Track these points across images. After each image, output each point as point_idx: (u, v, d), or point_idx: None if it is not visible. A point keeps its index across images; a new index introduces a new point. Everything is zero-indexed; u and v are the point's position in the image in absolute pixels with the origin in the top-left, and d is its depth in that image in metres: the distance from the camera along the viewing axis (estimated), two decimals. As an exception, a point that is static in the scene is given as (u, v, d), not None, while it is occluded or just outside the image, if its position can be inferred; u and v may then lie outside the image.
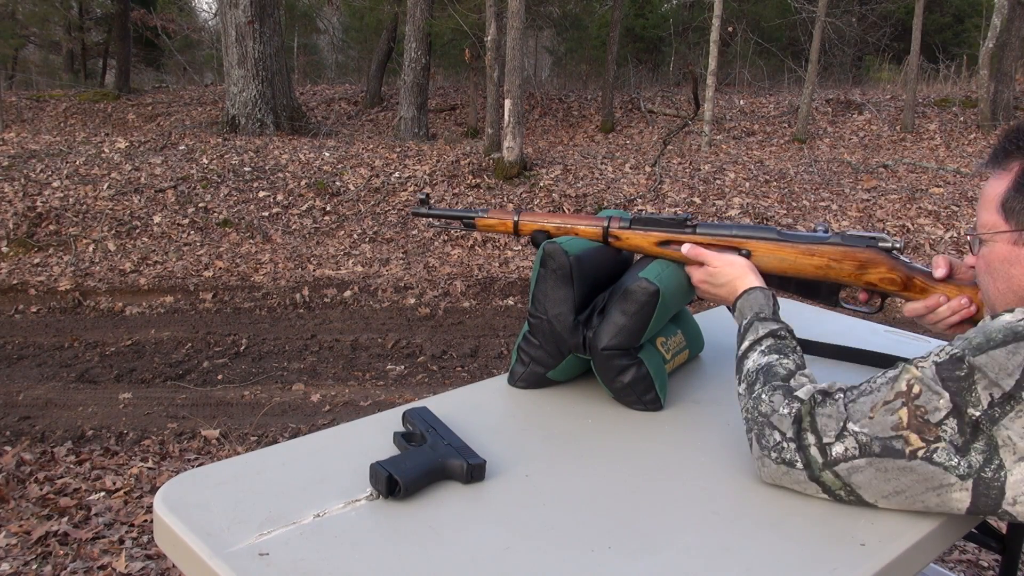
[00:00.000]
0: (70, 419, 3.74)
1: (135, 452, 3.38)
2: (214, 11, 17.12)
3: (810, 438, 0.99)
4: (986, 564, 2.42)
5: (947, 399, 0.92)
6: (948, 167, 8.38)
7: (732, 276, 1.26)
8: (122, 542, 2.56)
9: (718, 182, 7.63)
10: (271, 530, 0.93)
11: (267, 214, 6.85)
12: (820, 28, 10.08)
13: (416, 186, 7.30)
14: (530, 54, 16.16)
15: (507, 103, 7.46)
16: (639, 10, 15.97)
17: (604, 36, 13.25)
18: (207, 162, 7.52)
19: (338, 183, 7.31)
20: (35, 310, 5.29)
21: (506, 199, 7.17)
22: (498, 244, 6.41)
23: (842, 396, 1.00)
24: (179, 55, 16.46)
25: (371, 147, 8.34)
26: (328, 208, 6.98)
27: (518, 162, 7.55)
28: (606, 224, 1.35)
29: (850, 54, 15.38)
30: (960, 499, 0.94)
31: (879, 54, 15.28)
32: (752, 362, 1.12)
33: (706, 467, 1.12)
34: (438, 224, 1.46)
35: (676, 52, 15.72)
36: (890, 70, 14.55)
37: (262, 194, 7.09)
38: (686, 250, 1.31)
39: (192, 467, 2.59)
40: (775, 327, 1.15)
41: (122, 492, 2.92)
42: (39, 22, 15.60)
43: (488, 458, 1.06)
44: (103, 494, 2.89)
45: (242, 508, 0.97)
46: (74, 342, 4.74)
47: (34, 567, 2.40)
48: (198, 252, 6.22)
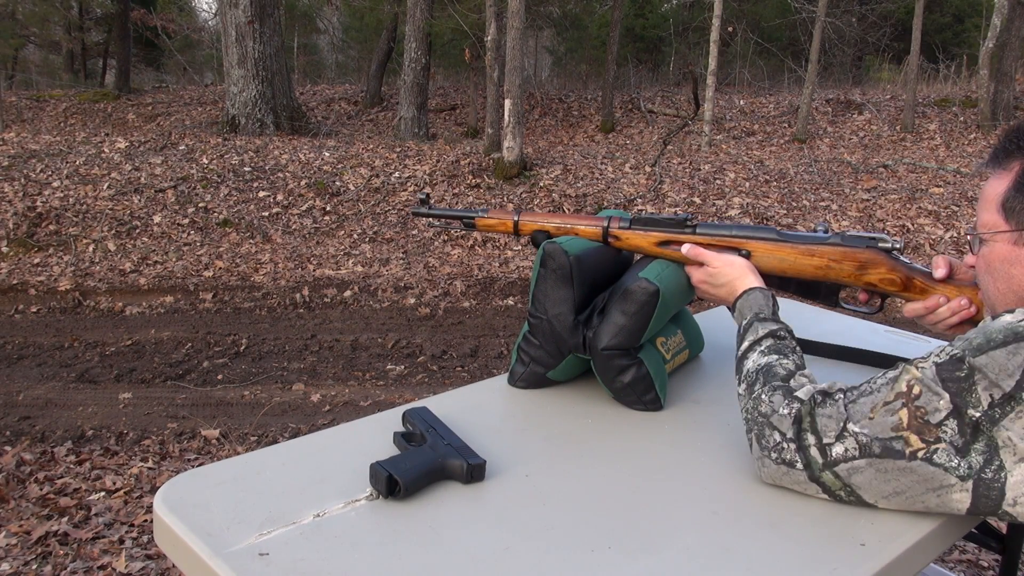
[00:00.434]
0: (70, 419, 3.74)
1: (135, 452, 3.38)
2: (214, 11, 17.13)
3: (810, 438, 0.99)
4: (986, 564, 2.42)
5: (947, 400, 0.92)
6: (948, 167, 8.38)
7: (732, 276, 1.26)
8: (122, 542, 2.56)
9: (718, 182, 7.63)
10: (271, 530, 0.93)
11: (267, 214, 6.85)
12: (820, 28, 10.08)
13: (416, 186, 7.30)
14: (530, 54, 16.17)
15: (507, 103, 7.46)
16: (639, 10, 15.96)
17: (604, 36, 13.25)
18: (207, 162, 7.52)
19: (338, 183, 7.31)
20: (35, 310, 5.29)
21: (506, 199, 7.17)
22: (498, 244, 6.41)
23: (842, 396, 1.00)
24: (179, 55, 16.46)
25: (371, 147, 8.34)
26: (328, 208, 6.98)
27: (518, 162, 7.55)
28: (606, 224, 1.35)
29: (850, 54, 15.38)
30: (960, 500, 0.94)
31: (879, 54, 15.28)
32: (752, 362, 1.12)
33: (706, 467, 1.12)
34: (438, 224, 1.46)
35: (676, 52, 15.72)
36: (890, 70, 14.55)
37: (262, 194, 7.09)
38: (686, 250, 1.31)
39: (192, 467, 2.59)
40: (775, 327, 1.15)
41: (122, 492, 2.92)
42: (39, 22, 15.61)
43: (488, 458, 1.06)
44: (103, 494, 2.89)
45: (242, 508, 0.97)
46: (74, 342, 4.74)
47: (34, 567, 2.40)
48: (198, 252, 6.22)
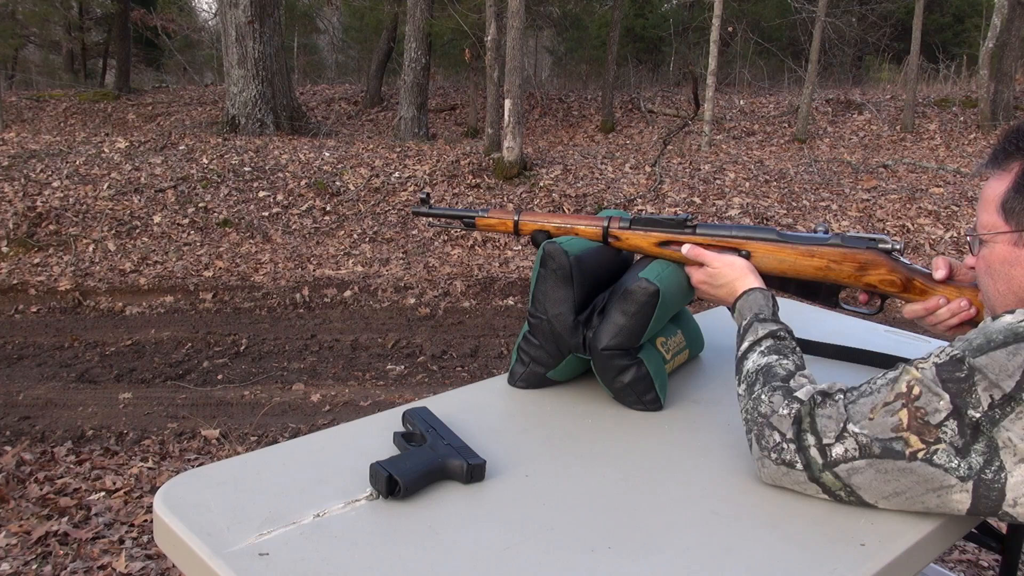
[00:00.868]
0: (70, 419, 3.74)
1: (135, 452, 3.38)
2: (214, 11, 17.12)
3: (810, 439, 0.99)
4: (986, 564, 2.42)
5: (947, 400, 0.92)
6: (948, 167, 8.37)
7: (732, 277, 1.25)
8: (122, 542, 2.56)
9: (718, 182, 7.63)
10: (271, 530, 0.93)
11: (267, 214, 6.85)
12: (820, 28, 10.08)
13: (416, 186, 7.30)
14: (530, 54, 16.16)
15: (507, 103, 7.46)
16: (639, 10, 15.96)
17: (604, 36, 13.25)
18: (207, 162, 7.52)
19: (338, 183, 7.31)
20: (35, 310, 5.29)
21: (506, 199, 7.17)
22: (498, 244, 6.41)
23: (842, 397, 1.00)
24: (179, 55, 16.46)
25: (371, 147, 8.34)
26: (328, 208, 6.98)
27: (518, 162, 7.55)
28: (606, 224, 1.35)
29: (850, 54, 15.37)
30: (960, 500, 0.94)
31: (879, 54, 15.28)
32: (752, 363, 1.12)
33: (706, 467, 1.12)
34: (438, 224, 1.46)
35: (676, 52, 15.72)
36: (890, 70, 14.55)
37: (262, 194, 7.09)
38: (686, 251, 1.31)
39: (192, 467, 2.59)
40: (775, 328, 1.15)
41: (122, 492, 2.92)
42: (39, 22, 15.60)
43: (488, 458, 1.06)
44: (103, 494, 2.89)
45: (242, 508, 0.97)
46: (74, 342, 4.74)
47: (34, 567, 2.40)
48: (198, 252, 6.22)
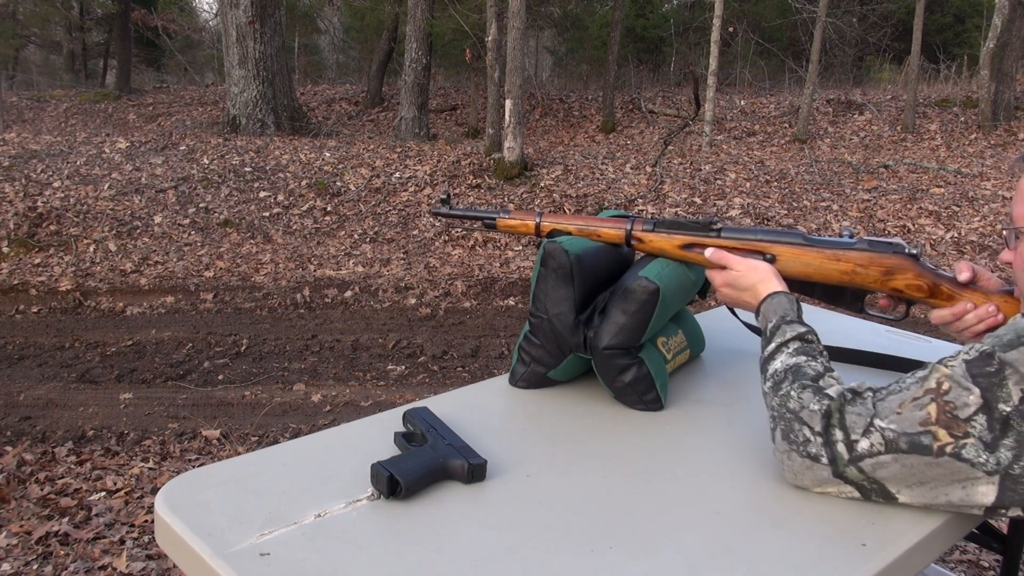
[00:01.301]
0: (71, 419, 3.74)
1: (136, 452, 3.38)
2: (215, 11, 17.13)
3: (838, 434, 0.99)
4: (987, 564, 2.42)
5: (977, 395, 0.92)
6: (949, 167, 8.37)
7: (755, 280, 1.25)
8: (123, 542, 2.56)
9: (719, 182, 7.63)
10: (272, 530, 0.93)
11: (268, 214, 6.85)
12: (821, 28, 10.08)
13: (417, 186, 7.30)
14: (531, 54, 16.16)
15: (508, 103, 7.46)
16: (640, 10, 15.96)
17: (605, 36, 13.24)
18: (208, 162, 7.53)
19: (339, 183, 7.31)
20: (36, 310, 5.29)
21: (507, 199, 7.17)
22: (499, 244, 6.41)
23: (871, 395, 1.00)
24: (180, 55, 16.47)
25: (372, 147, 8.34)
26: (329, 208, 6.98)
27: (519, 162, 7.55)
28: (629, 227, 1.34)
29: (851, 54, 15.37)
30: (985, 493, 0.94)
31: (880, 54, 15.27)
32: (780, 363, 1.11)
33: (707, 467, 1.12)
34: (456, 224, 1.45)
35: (677, 52, 15.72)
36: (891, 70, 14.54)
37: (263, 194, 7.09)
38: (709, 254, 1.29)
39: (193, 467, 2.59)
40: (802, 330, 1.15)
41: (123, 492, 2.92)
42: (40, 22, 15.61)
43: (489, 458, 1.06)
44: (104, 494, 2.90)
45: (243, 508, 0.97)
46: (75, 342, 4.74)
47: (35, 567, 2.40)
48: (199, 252, 6.23)
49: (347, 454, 1.11)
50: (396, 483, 0.98)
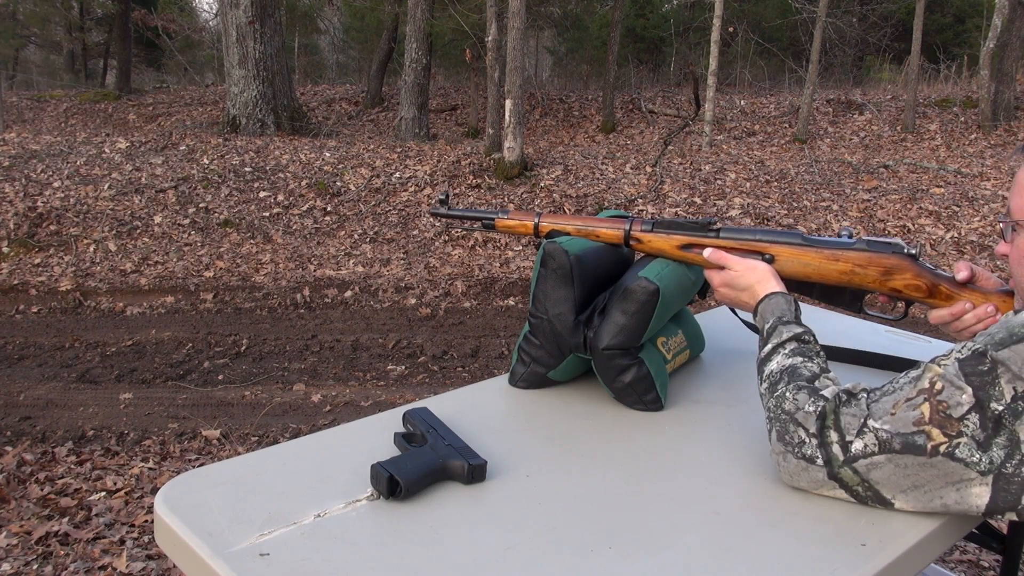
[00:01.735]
0: (71, 419, 3.75)
1: (136, 452, 3.38)
2: (215, 11, 17.13)
3: (833, 435, 0.99)
4: (987, 564, 2.42)
5: (970, 394, 0.92)
6: (949, 167, 8.37)
7: (752, 281, 1.25)
8: (123, 542, 2.56)
9: (719, 182, 7.63)
10: (272, 530, 0.93)
11: (268, 214, 6.85)
12: (821, 28, 10.08)
13: (416, 186, 7.30)
14: (531, 54, 16.16)
15: (508, 103, 7.46)
16: (640, 10, 15.96)
17: (605, 36, 13.24)
18: (208, 162, 7.53)
19: (339, 183, 7.31)
20: (36, 310, 5.29)
21: (507, 199, 7.17)
22: (499, 244, 6.41)
23: (865, 396, 1.00)
24: (180, 55, 16.46)
25: (372, 147, 8.34)
26: (329, 208, 6.98)
27: (519, 162, 7.55)
28: (627, 227, 1.34)
29: (851, 54, 15.37)
30: (979, 495, 0.94)
31: (880, 54, 15.27)
32: (776, 363, 1.12)
33: (707, 467, 1.12)
34: (455, 224, 1.45)
35: (677, 52, 15.72)
36: (891, 70, 14.54)
37: (263, 194, 7.09)
38: (707, 254, 1.30)
39: (193, 467, 2.59)
40: (799, 331, 1.15)
41: (123, 492, 2.92)
42: (40, 22, 15.62)
43: (489, 459, 1.06)
44: (104, 494, 2.90)
45: (243, 508, 0.97)
46: (75, 342, 4.74)
47: (35, 567, 2.40)
48: (199, 252, 6.23)
49: (347, 454, 1.11)
50: (396, 483, 0.98)
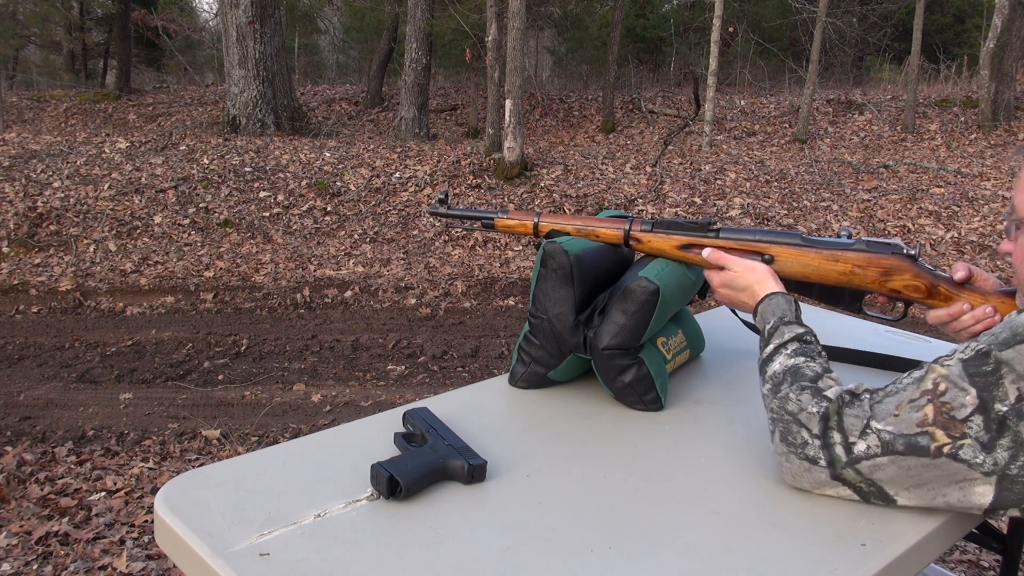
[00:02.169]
0: (71, 419, 3.75)
1: (136, 452, 3.38)
2: (215, 11, 17.13)
3: (836, 436, 0.99)
4: (987, 564, 2.42)
5: (974, 395, 0.92)
6: (949, 167, 8.37)
7: (752, 281, 1.24)
8: (123, 542, 2.56)
9: (719, 182, 7.63)
10: (272, 530, 0.93)
11: (268, 214, 6.85)
12: (821, 28, 10.08)
13: (416, 186, 7.30)
14: (531, 54, 16.16)
15: (508, 103, 7.46)
16: (640, 10, 15.96)
17: (605, 36, 13.24)
18: (208, 162, 7.53)
19: (339, 183, 7.31)
20: (36, 310, 5.29)
21: (507, 199, 7.17)
22: (499, 244, 6.41)
23: (868, 396, 1.00)
24: (180, 55, 16.47)
25: (372, 147, 8.34)
26: (329, 208, 6.98)
27: (519, 162, 7.55)
28: (627, 227, 1.34)
29: (851, 54, 15.37)
30: (983, 493, 0.94)
31: (880, 54, 15.27)
32: (779, 364, 1.11)
33: (707, 467, 1.12)
34: (454, 224, 1.45)
35: (677, 52, 15.72)
36: (891, 70, 14.55)
37: (263, 194, 7.09)
38: (707, 254, 1.29)
39: (193, 467, 2.59)
40: (800, 331, 1.14)
41: (123, 492, 2.92)
42: (40, 22, 15.61)
43: (489, 458, 1.06)
44: (104, 494, 2.90)
45: (243, 508, 0.97)
46: (75, 342, 4.74)
47: (35, 567, 2.40)
48: (199, 252, 6.23)
49: (347, 454, 1.11)
50: (396, 483, 0.98)
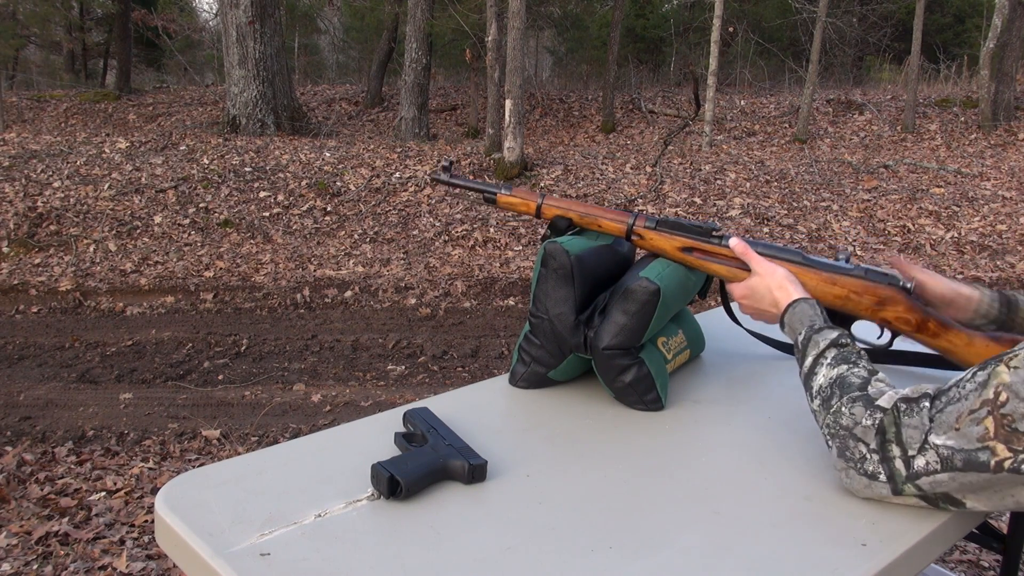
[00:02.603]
0: (71, 419, 3.75)
1: (136, 452, 3.38)
2: (215, 11, 17.13)
3: (895, 450, 0.96)
4: (987, 564, 2.42)
5: None
6: (949, 167, 8.37)
7: (772, 286, 1.22)
8: (123, 542, 2.56)
9: (719, 182, 7.63)
10: (272, 530, 0.93)
11: (268, 214, 6.85)
12: (821, 28, 10.08)
13: (416, 186, 7.30)
14: (531, 54, 16.16)
15: (508, 103, 7.46)
16: (640, 10, 15.96)
17: (605, 36, 13.24)
18: (208, 162, 7.53)
19: (339, 183, 7.31)
20: (36, 310, 5.29)
21: (507, 199, 7.16)
22: (499, 244, 6.41)
23: (928, 405, 0.96)
24: (180, 55, 16.47)
25: (372, 147, 8.34)
26: (329, 208, 6.98)
27: (519, 162, 7.55)
28: (631, 221, 1.34)
29: (851, 54, 15.37)
30: None
31: (880, 54, 15.28)
32: (822, 377, 1.08)
33: (707, 467, 1.12)
34: (457, 192, 1.45)
35: (677, 52, 15.72)
36: (891, 70, 14.55)
37: (263, 194, 7.09)
38: (733, 244, 1.28)
39: (193, 467, 2.59)
40: (834, 336, 1.11)
41: (123, 492, 2.92)
42: (40, 22, 15.60)
43: (489, 458, 1.06)
44: (104, 494, 2.90)
45: (243, 508, 0.97)
46: (75, 342, 4.74)
47: (35, 567, 2.40)
48: (199, 252, 6.23)
49: (347, 454, 1.11)
50: (396, 483, 0.98)
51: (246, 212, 6.83)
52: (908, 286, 1.25)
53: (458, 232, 6.53)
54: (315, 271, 5.90)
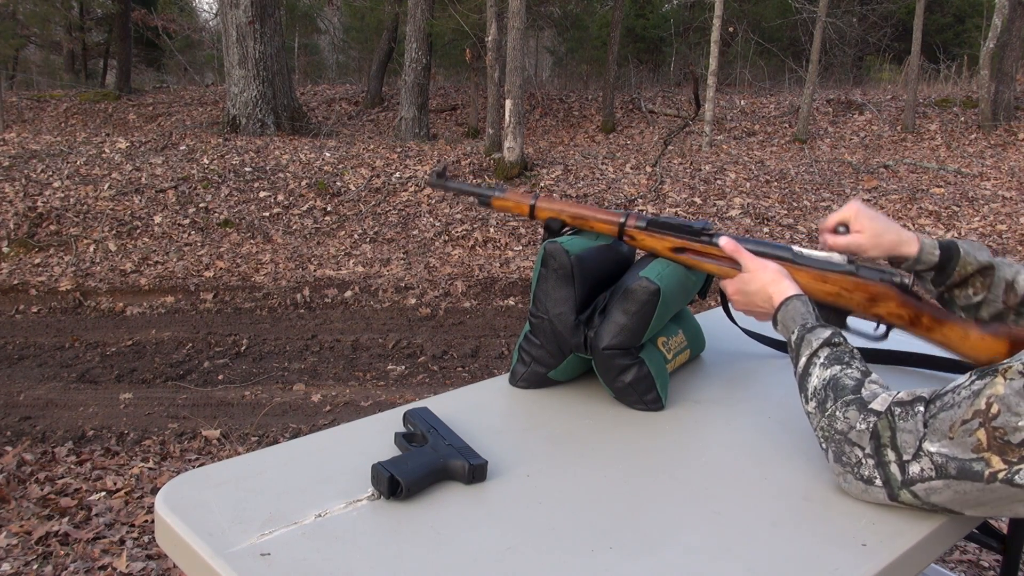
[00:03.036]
0: (71, 419, 3.75)
1: (136, 452, 3.38)
2: (215, 11, 17.13)
3: (890, 455, 0.96)
4: (987, 564, 2.42)
5: None
6: (949, 167, 8.37)
7: (765, 282, 1.22)
8: (123, 542, 2.56)
9: (719, 182, 7.63)
10: (272, 530, 0.93)
11: (268, 214, 6.85)
12: (821, 28, 10.08)
13: (416, 186, 7.30)
14: (531, 54, 16.16)
15: (508, 103, 7.46)
16: (640, 10, 15.96)
17: (605, 36, 13.24)
18: (208, 162, 7.53)
19: (339, 183, 7.31)
20: (36, 310, 5.29)
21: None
22: (499, 244, 6.41)
23: (922, 410, 0.95)
24: (180, 55, 16.47)
25: (372, 147, 8.35)
26: (329, 208, 6.98)
27: (519, 162, 7.55)
28: (623, 221, 1.34)
29: (851, 54, 15.37)
30: None
31: (880, 54, 15.28)
32: (816, 378, 1.08)
33: (707, 467, 1.12)
34: (453, 196, 1.45)
35: (677, 52, 15.72)
36: (891, 70, 14.55)
37: (263, 194, 7.09)
38: (723, 243, 1.28)
39: (193, 467, 2.59)
40: (827, 334, 1.11)
41: (123, 492, 2.92)
42: (40, 22, 15.60)
43: (489, 458, 1.06)
44: (104, 494, 2.90)
45: (243, 508, 0.97)
46: (75, 342, 4.74)
47: (35, 567, 2.40)
48: (199, 252, 6.23)
49: (347, 454, 1.11)
50: (396, 483, 0.98)
51: (246, 212, 6.83)
52: (904, 281, 1.25)
53: (458, 232, 6.53)
54: (315, 271, 5.90)
